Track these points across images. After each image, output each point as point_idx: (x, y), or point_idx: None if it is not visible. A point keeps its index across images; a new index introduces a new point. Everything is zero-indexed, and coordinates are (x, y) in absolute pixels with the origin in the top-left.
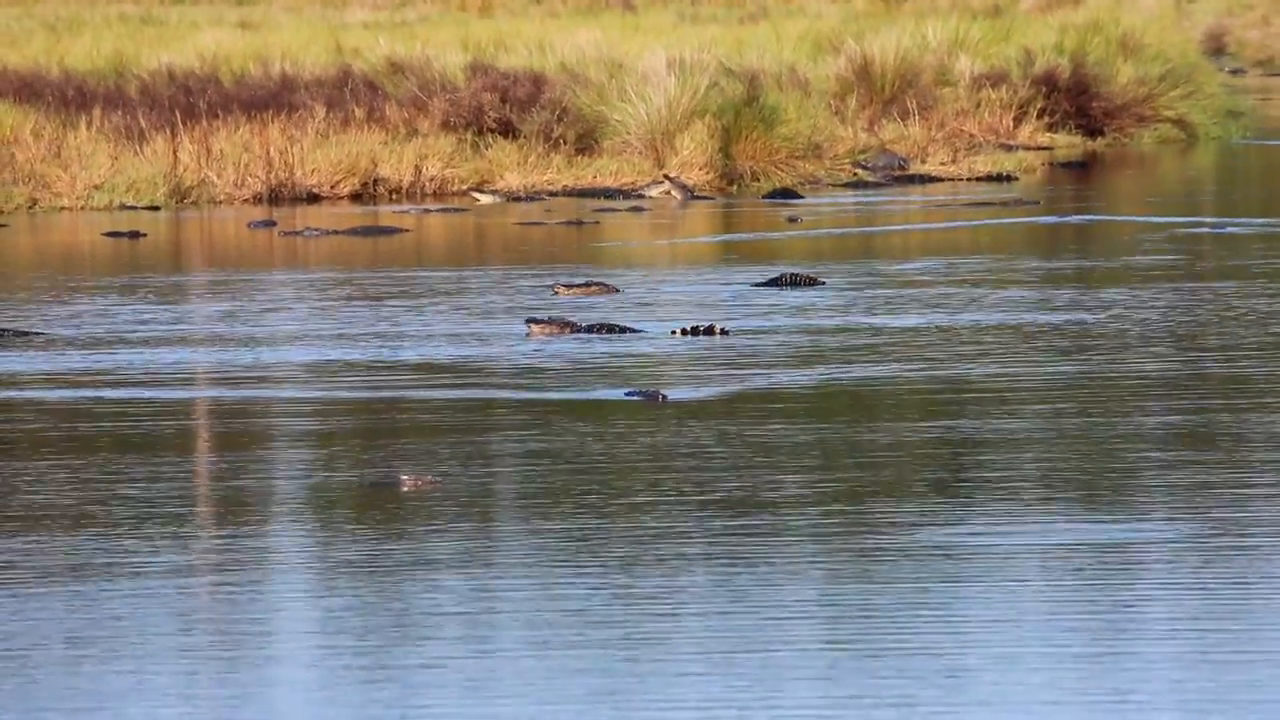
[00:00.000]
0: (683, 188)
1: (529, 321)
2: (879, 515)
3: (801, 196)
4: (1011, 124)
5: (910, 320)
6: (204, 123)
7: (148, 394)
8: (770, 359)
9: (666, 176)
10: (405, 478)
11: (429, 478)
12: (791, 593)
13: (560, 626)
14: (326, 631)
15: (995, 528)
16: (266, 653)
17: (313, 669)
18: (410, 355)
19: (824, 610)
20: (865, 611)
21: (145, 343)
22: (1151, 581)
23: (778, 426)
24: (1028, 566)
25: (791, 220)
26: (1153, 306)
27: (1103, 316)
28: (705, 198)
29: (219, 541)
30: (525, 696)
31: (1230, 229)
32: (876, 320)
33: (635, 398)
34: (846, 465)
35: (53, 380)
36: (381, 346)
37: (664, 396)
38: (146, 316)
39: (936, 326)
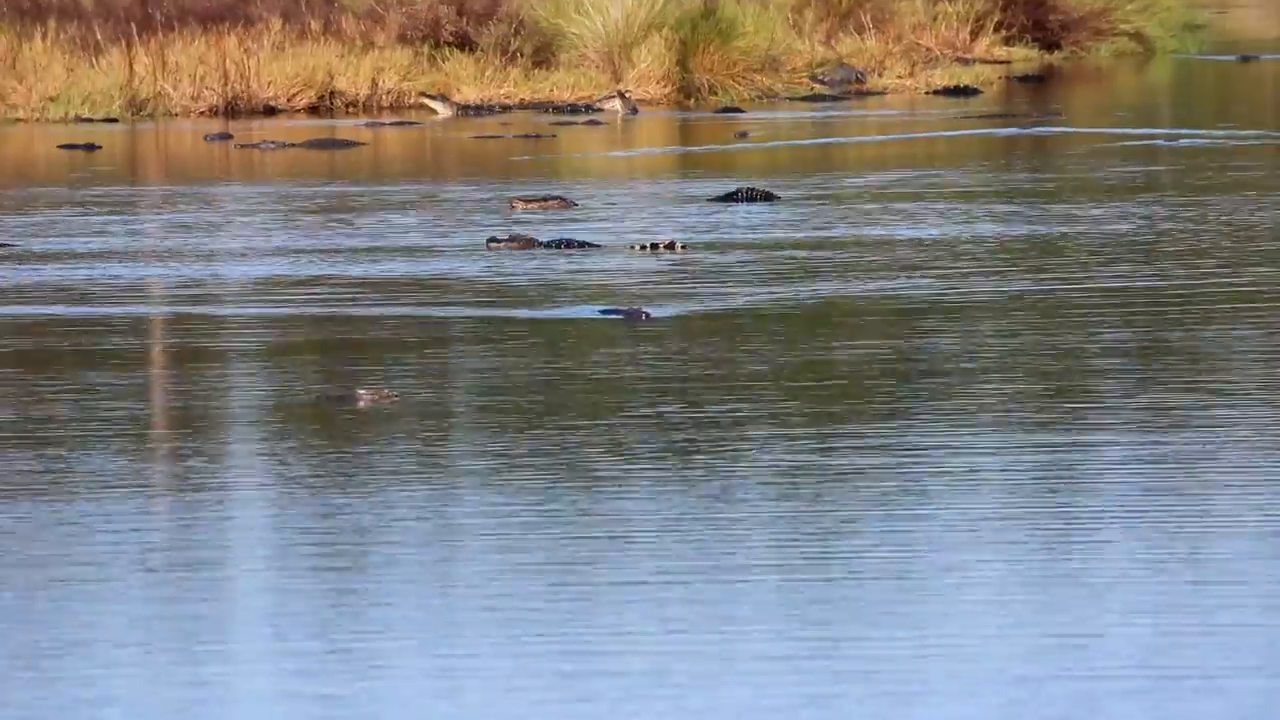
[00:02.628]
0: (629, 105)
1: (490, 241)
2: (840, 433)
3: (745, 111)
4: (968, 37)
5: (868, 232)
6: (160, 35)
7: (101, 310)
8: (736, 276)
9: (620, 92)
10: (362, 392)
11: (386, 392)
12: (750, 511)
13: (517, 544)
14: (283, 547)
15: (952, 444)
16: (223, 571)
17: (270, 588)
18: (368, 270)
19: (781, 529)
20: (822, 529)
21: (98, 256)
22: (1106, 497)
23: (755, 344)
24: (985, 483)
25: (741, 135)
26: (1110, 220)
27: (1059, 230)
28: (639, 113)
29: (175, 457)
30: (483, 613)
31: (1185, 141)
32: (831, 234)
33: (615, 315)
34: (814, 383)
35: (4, 295)
36: (339, 261)
37: (647, 314)
38: (100, 230)
39: (895, 240)
